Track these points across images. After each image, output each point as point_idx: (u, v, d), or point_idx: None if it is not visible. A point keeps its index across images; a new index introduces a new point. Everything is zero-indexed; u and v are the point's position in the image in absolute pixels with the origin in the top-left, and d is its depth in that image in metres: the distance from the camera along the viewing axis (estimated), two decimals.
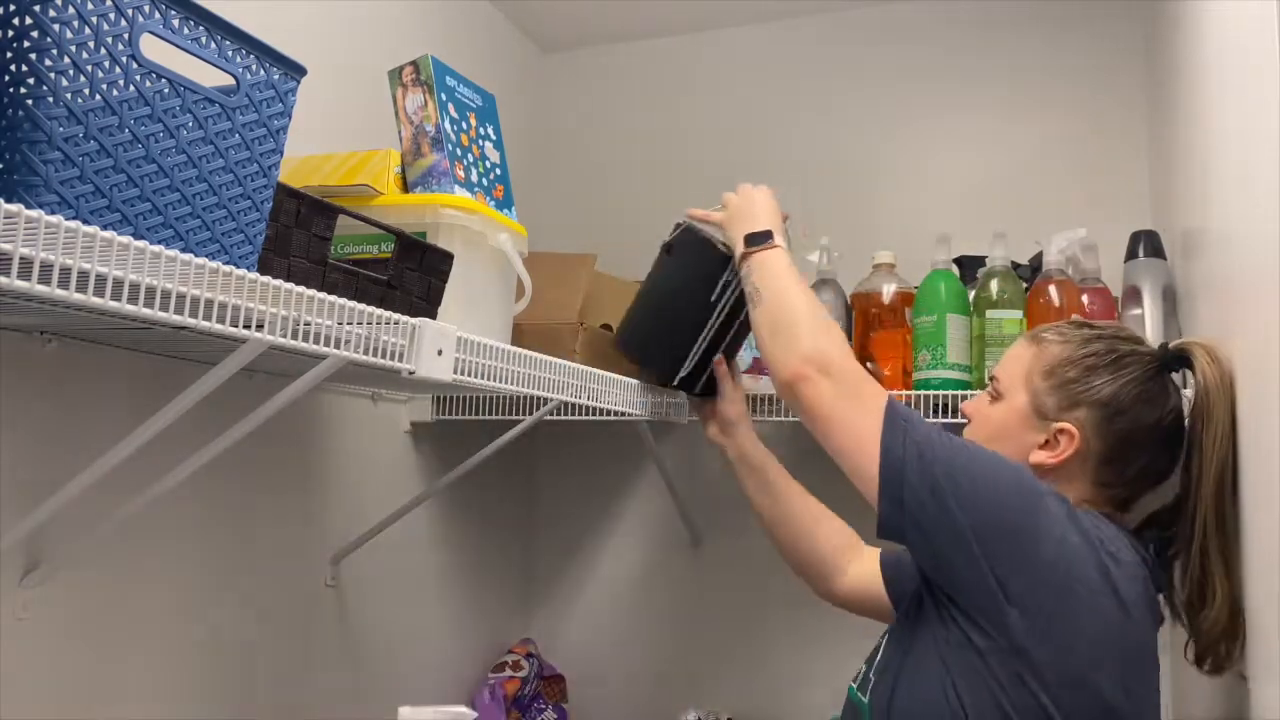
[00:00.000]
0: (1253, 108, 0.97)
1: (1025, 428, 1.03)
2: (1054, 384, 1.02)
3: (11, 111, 0.65)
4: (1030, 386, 1.03)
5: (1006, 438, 1.03)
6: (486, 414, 1.58)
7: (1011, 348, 1.10)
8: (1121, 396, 1.00)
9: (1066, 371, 1.02)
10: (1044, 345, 1.05)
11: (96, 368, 1.07)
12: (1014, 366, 1.06)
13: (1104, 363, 1.01)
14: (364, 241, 1.16)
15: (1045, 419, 1.02)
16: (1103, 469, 1.01)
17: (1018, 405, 1.04)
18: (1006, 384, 1.06)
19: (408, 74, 1.26)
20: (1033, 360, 1.05)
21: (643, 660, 1.92)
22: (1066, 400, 1.01)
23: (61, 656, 1.05)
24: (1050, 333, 1.06)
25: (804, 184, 1.94)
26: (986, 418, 1.07)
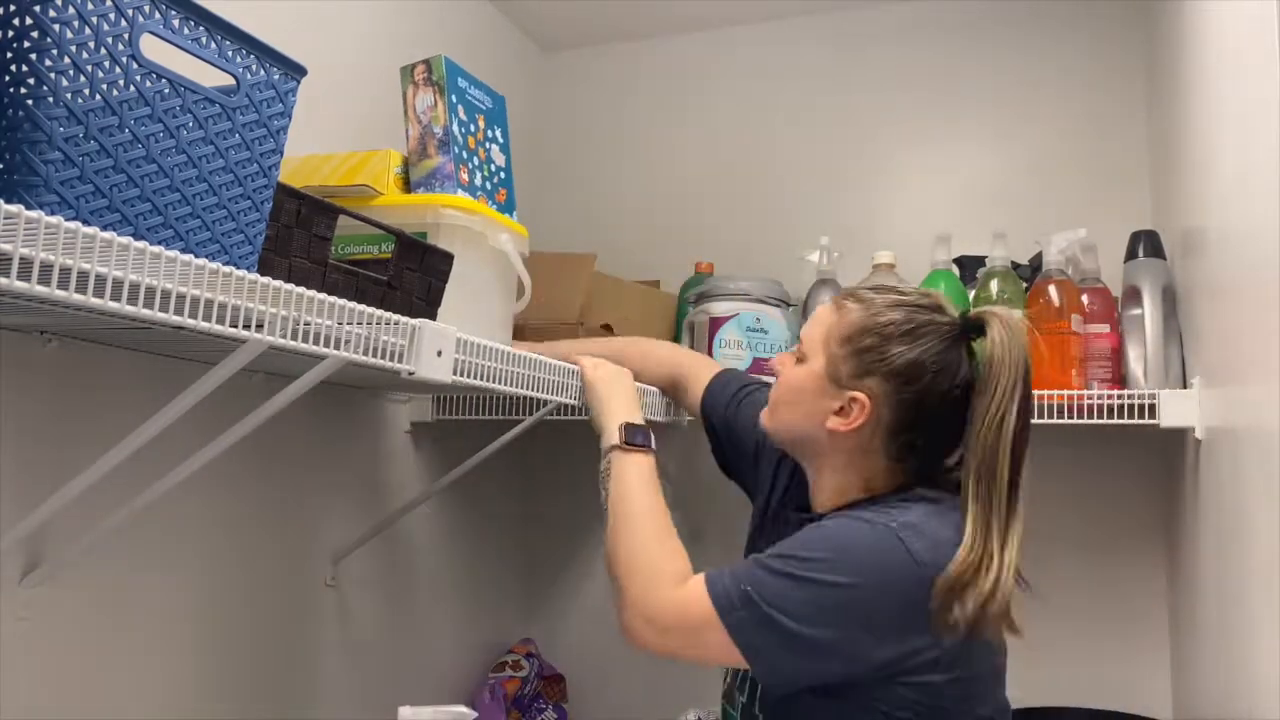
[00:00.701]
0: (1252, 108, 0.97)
1: (820, 393, 1.02)
2: (850, 351, 1.01)
3: (11, 111, 0.65)
4: (828, 351, 1.03)
5: (802, 401, 1.04)
6: (486, 414, 1.58)
7: (816, 312, 1.09)
8: (915, 366, 0.99)
9: (863, 339, 1.01)
10: (845, 311, 1.04)
11: (96, 368, 1.07)
12: (816, 329, 1.05)
13: (900, 331, 1.00)
14: (364, 242, 1.16)
15: (839, 386, 1.01)
16: (895, 439, 1.01)
17: (815, 370, 1.03)
18: (808, 347, 1.06)
19: (419, 72, 1.26)
20: (833, 325, 1.04)
21: (643, 660, 1.92)
22: (860, 368, 1.00)
23: (61, 656, 1.05)
24: (852, 299, 1.05)
25: (804, 184, 1.94)
26: (787, 379, 1.07)
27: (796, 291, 1.65)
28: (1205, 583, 1.28)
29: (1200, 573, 1.31)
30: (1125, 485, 1.65)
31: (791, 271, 1.72)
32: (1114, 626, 1.63)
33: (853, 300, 1.05)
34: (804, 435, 1.06)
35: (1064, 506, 1.66)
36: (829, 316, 1.06)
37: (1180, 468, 1.43)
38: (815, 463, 1.08)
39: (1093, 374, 1.42)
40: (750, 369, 1.55)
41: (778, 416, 1.09)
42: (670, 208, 2.03)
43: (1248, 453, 1.02)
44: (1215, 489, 1.21)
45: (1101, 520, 1.66)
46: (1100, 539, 1.65)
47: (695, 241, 1.94)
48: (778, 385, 1.10)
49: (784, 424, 1.09)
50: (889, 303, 1.03)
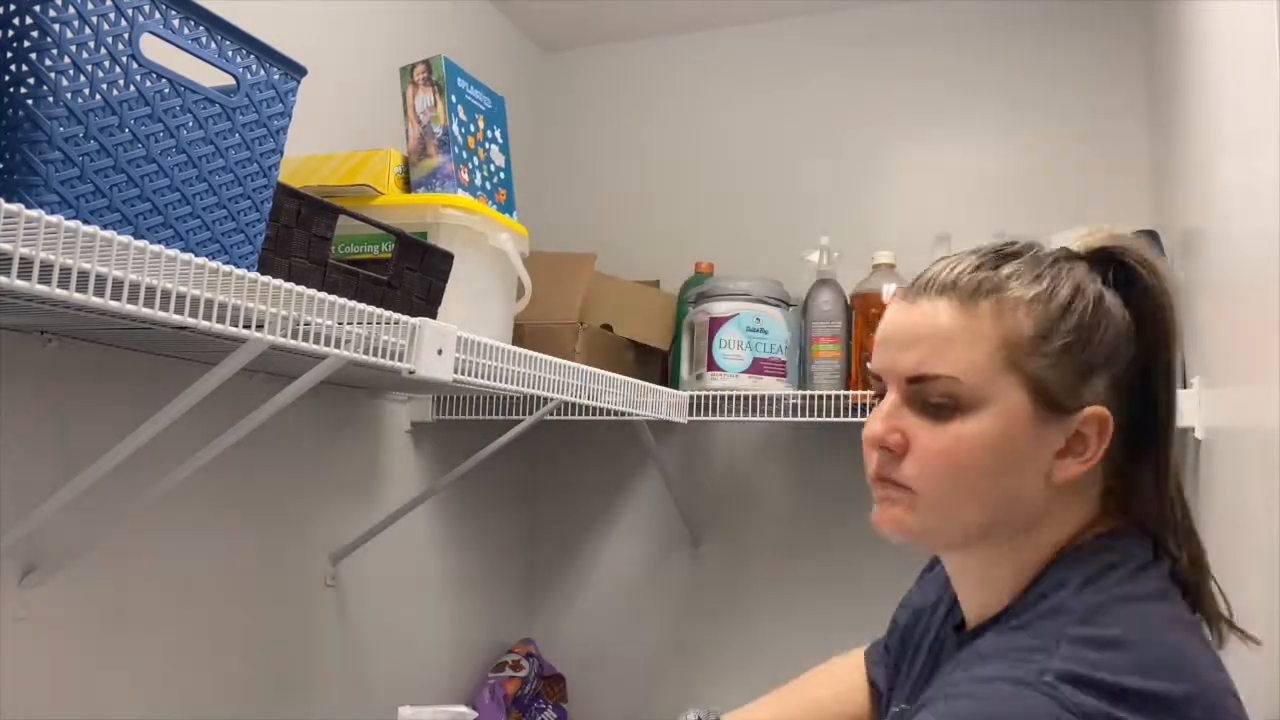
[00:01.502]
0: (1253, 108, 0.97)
1: (1036, 435, 0.69)
2: (1054, 353, 0.69)
3: (11, 111, 0.65)
4: (1023, 372, 0.69)
5: (1015, 462, 0.69)
6: (486, 414, 1.58)
7: (935, 319, 0.71)
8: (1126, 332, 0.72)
9: (1059, 333, 0.69)
10: (1005, 302, 0.70)
11: (96, 368, 1.07)
12: (975, 350, 0.69)
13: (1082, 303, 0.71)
14: (364, 241, 1.16)
15: (1060, 410, 0.69)
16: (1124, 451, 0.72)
17: (1014, 407, 0.68)
18: (974, 383, 0.69)
19: (419, 72, 1.26)
20: (1006, 335, 0.69)
21: (643, 660, 1.92)
22: (1079, 370, 0.69)
23: (61, 656, 1.05)
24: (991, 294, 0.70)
25: (804, 184, 1.94)
26: (954, 445, 0.69)
27: (796, 291, 1.65)
28: None
29: None
30: None
31: (791, 271, 1.72)
32: None
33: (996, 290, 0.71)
34: (1007, 511, 0.70)
35: None
36: (991, 324, 0.70)
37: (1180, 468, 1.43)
38: (1007, 544, 0.72)
39: None
40: (750, 369, 1.55)
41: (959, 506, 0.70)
42: (670, 208, 2.03)
43: (1248, 453, 1.02)
44: (1215, 489, 1.21)
45: None
46: None
47: (695, 241, 1.94)
48: (930, 458, 0.70)
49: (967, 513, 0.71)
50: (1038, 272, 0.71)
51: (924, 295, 0.73)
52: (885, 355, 0.74)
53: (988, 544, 0.73)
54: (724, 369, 1.54)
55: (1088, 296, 0.71)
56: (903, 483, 0.72)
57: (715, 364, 1.55)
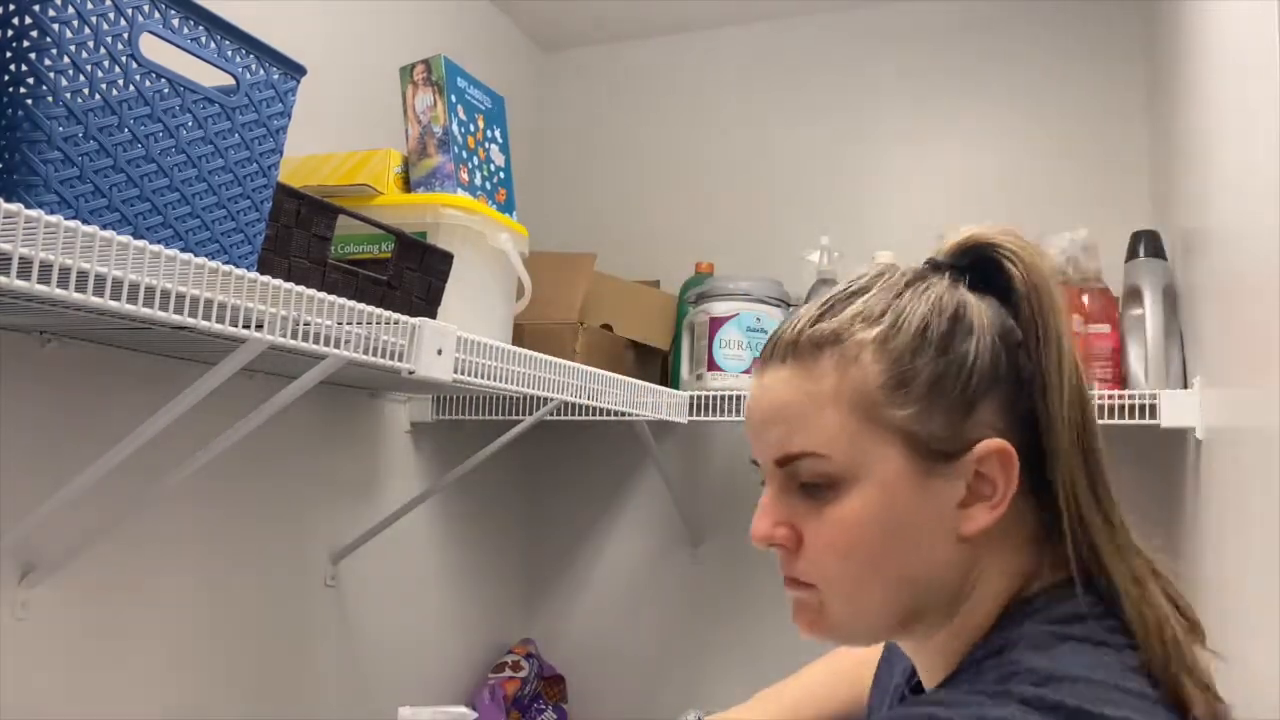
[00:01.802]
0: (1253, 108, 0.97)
1: (930, 496, 0.60)
2: (919, 395, 0.60)
3: (11, 111, 0.65)
4: (883, 422, 0.60)
5: (910, 532, 0.60)
6: (486, 414, 1.58)
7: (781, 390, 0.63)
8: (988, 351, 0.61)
9: (918, 369, 0.60)
10: (845, 354, 0.61)
11: (96, 368, 1.07)
12: (829, 415, 0.60)
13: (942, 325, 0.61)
14: (364, 241, 1.16)
15: (948, 456, 0.60)
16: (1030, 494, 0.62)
17: (892, 471, 0.60)
18: (837, 453, 0.60)
19: (419, 72, 1.26)
20: (857, 383, 0.60)
21: (643, 660, 1.92)
22: (956, 405, 0.60)
23: (61, 656, 1.05)
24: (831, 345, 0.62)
25: (804, 184, 1.94)
26: (838, 529, 0.60)
27: (796, 291, 1.65)
28: (1205, 583, 1.28)
29: (1200, 573, 1.31)
30: (1125, 485, 1.64)
31: (791, 271, 1.72)
32: None
33: (835, 341, 0.62)
34: (922, 588, 0.61)
35: None
36: (837, 381, 0.61)
37: (1180, 468, 1.43)
38: (947, 616, 0.63)
39: (1093, 374, 1.42)
40: (749, 369, 1.55)
41: (861, 601, 0.62)
42: (670, 208, 2.03)
43: (1248, 453, 1.02)
44: (1215, 489, 1.21)
45: None
46: None
47: (695, 241, 1.94)
48: (817, 558, 0.62)
49: (878, 600, 0.62)
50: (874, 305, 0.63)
51: (770, 364, 0.64)
52: (751, 439, 0.65)
53: (920, 627, 0.63)
54: (724, 369, 1.54)
55: (945, 314, 0.61)
56: (804, 580, 0.63)
57: (715, 364, 1.55)
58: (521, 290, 1.32)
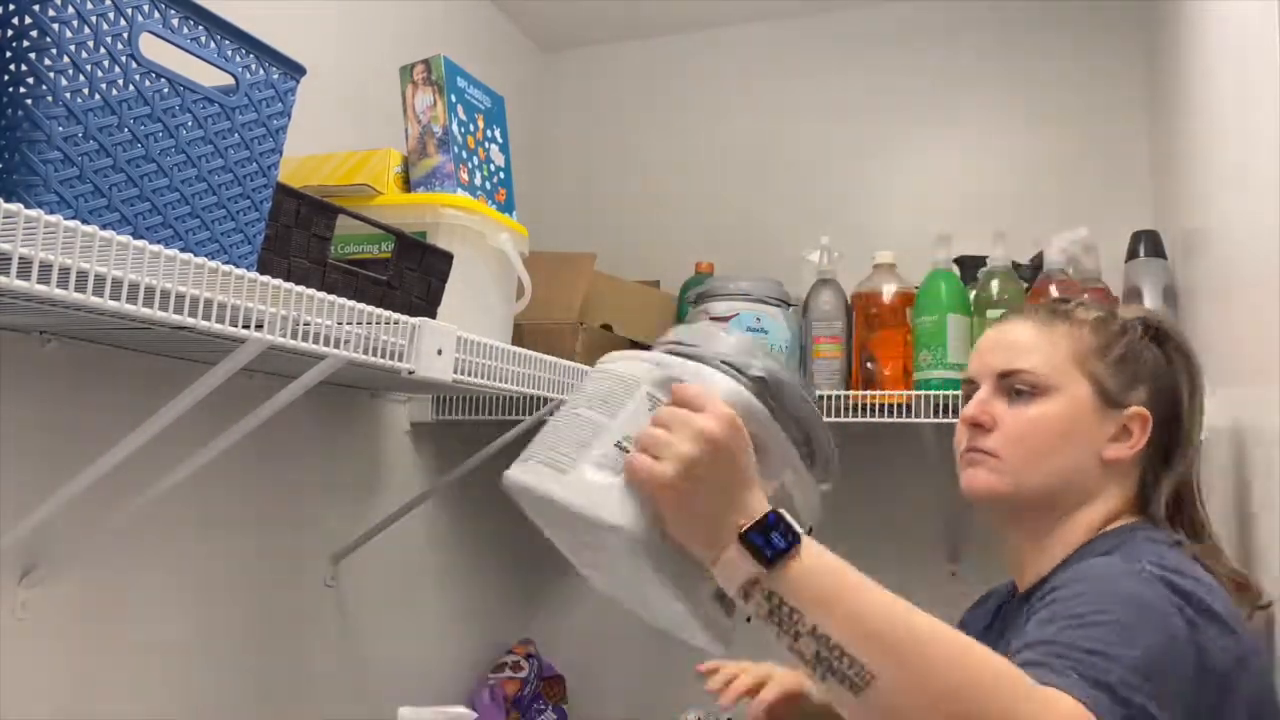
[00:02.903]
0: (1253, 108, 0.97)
1: (1095, 421, 0.89)
2: (1110, 362, 0.90)
3: (11, 111, 0.65)
4: (1089, 371, 0.90)
5: (1072, 436, 0.89)
6: (486, 414, 1.58)
7: (1020, 333, 0.94)
8: (1173, 372, 0.93)
9: (1114, 348, 0.91)
10: (1075, 323, 0.93)
11: (96, 367, 1.07)
12: (1052, 353, 0.91)
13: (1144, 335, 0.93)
14: (364, 241, 1.16)
15: (1115, 405, 0.90)
16: (1160, 457, 0.91)
17: (1080, 395, 0.89)
18: (1049, 374, 0.90)
19: (419, 72, 1.26)
20: (1077, 342, 0.91)
21: (643, 660, 1.92)
22: (1128, 380, 0.90)
23: (61, 656, 1.05)
24: (1062, 316, 0.94)
25: (804, 184, 1.94)
26: (1039, 420, 0.90)
27: (796, 291, 1.64)
28: None
29: None
30: None
31: (791, 271, 1.71)
32: None
33: (1066, 317, 0.94)
34: (1072, 481, 0.90)
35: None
36: (1058, 334, 0.92)
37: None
38: (1065, 517, 0.90)
39: None
40: None
41: (1033, 471, 0.90)
42: (670, 208, 2.03)
43: (1248, 453, 1.02)
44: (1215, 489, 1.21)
45: None
46: None
47: (695, 241, 1.94)
48: (1011, 433, 0.90)
49: (1047, 476, 0.90)
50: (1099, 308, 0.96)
51: (1011, 318, 0.98)
52: (978, 360, 0.97)
53: (1049, 512, 0.90)
54: None
55: (1136, 330, 0.93)
56: (988, 450, 0.91)
57: None
58: (521, 290, 1.32)
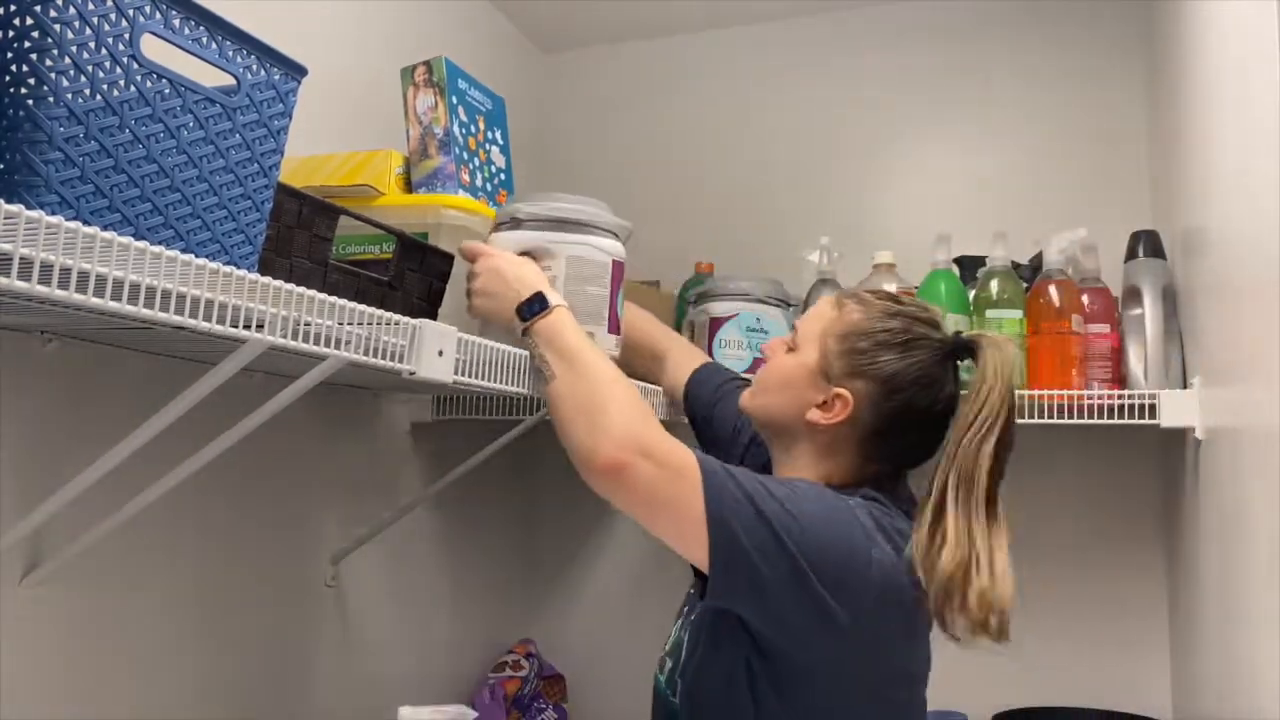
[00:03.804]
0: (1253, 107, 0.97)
1: (808, 384, 1.05)
2: (844, 350, 1.04)
3: (12, 111, 0.65)
4: (823, 346, 1.06)
5: (789, 388, 1.07)
6: (486, 414, 1.58)
7: (817, 305, 1.13)
8: (901, 376, 1.02)
9: (858, 341, 1.04)
10: (845, 310, 1.07)
11: (96, 368, 1.07)
12: (814, 324, 1.08)
13: (895, 340, 1.03)
14: (365, 242, 1.16)
15: (828, 380, 1.04)
16: (869, 441, 1.04)
17: (807, 361, 1.06)
18: (802, 338, 1.09)
19: (420, 74, 1.26)
20: (831, 322, 1.07)
21: (643, 660, 1.92)
22: (851, 368, 1.03)
23: (61, 656, 1.05)
24: (854, 300, 1.09)
25: (804, 183, 1.94)
26: (779, 365, 1.10)
27: (796, 291, 1.65)
28: (1205, 583, 1.28)
29: (1200, 573, 1.31)
30: (1125, 485, 1.65)
31: (791, 271, 1.72)
32: (1114, 626, 1.63)
33: (854, 301, 1.08)
34: (783, 420, 1.08)
35: (1064, 506, 1.66)
36: (829, 312, 1.08)
37: (1180, 468, 1.43)
38: (786, 449, 1.10)
39: (1093, 374, 1.42)
40: (750, 369, 1.55)
41: (761, 399, 1.12)
42: (670, 208, 2.03)
43: (1248, 453, 1.02)
44: (1215, 489, 1.21)
45: (1101, 520, 1.66)
46: (1100, 539, 1.65)
47: (695, 241, 1.94)
48: (766, 369, 1.13)
49: (766, 406, 1.11)
50: (889, 310, 1.06)
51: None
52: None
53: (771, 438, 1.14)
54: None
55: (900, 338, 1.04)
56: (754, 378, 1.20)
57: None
58: None
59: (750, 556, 0.90)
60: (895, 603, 0.93)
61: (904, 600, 0.93)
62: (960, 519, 0.93)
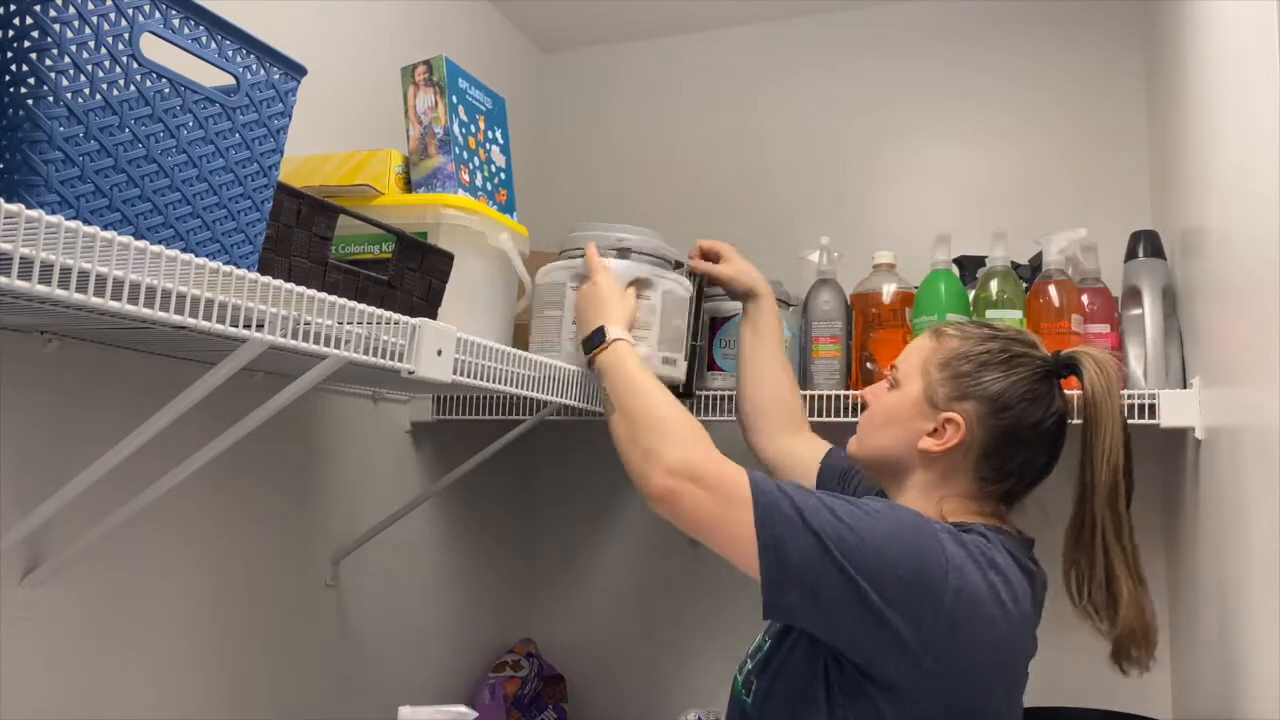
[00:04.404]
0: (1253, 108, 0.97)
1: (916, 415, 1.06)
2: (948, 375, 1.05)
3: (12, 111, 0.65)
4: (926, 376, 1.07)
5: (898, 423, 1.07)
6: (486, 414, 1.58)
7: (915, 340, 1.14)
8: (1008, 393, 1.03)
9: (961, 365, 1.05)
10: (944, 339, 1.09)
11: (97, 367, 1.07)
12: (914, 357, 1.10)
13: (996, 360, 1.05)
14: (364, 241, 1.16)
15: (935, 408, 1.05)
16: (983, 462, 1.04)
17: (912, 393, 1.07)
18: (905, 373, 1.10)
19: (420, 73, 1.26)
20: (931, 352, 1.08)
21: (643, 660, 1.92)
22: (957, 391, 1.04)
23: (61, 656, 1.05)
24: (952, 329, 1.11)
25: (804, 184, 1.94)
26: (884, 404, 1.11)
27: (796, 291, 1.65)
28: (1205, 583, 1.28)
29: (1200, 573, 1.31)
30: None
31: (791, 271, 1.72)
32: None
33: (953, 329, 1.10)
34: (896, 456, 1.08)
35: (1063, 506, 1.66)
36: (928, 344, 1.10)
37: (1180, 468, 1.43)
38: (900, 485, 1.09)
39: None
40: None
41: (869, 440, 1.12)
42: (670, 208, 2.03)
43: (1248, 453, 1.02)
44: (1215, 489, 1.21)
45: None
46: None
47: (695, 241, 1.94)
48: (869, 412, 1.13)
49: (877, 447, 1.11)
50: (986, 335, 1.08)
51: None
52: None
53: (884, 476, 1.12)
54: (724, 369, 1.54)
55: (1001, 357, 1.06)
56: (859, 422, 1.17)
57: (715, 364, 1.55)
58: (522, 290, 1.32)
59: (799, 573, 0.90)
60: (979, 642, 0.91)
61: (992, 640, 0.91)
62: (1121, 553, 0.98)
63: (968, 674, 0.91)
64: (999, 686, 0.95)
